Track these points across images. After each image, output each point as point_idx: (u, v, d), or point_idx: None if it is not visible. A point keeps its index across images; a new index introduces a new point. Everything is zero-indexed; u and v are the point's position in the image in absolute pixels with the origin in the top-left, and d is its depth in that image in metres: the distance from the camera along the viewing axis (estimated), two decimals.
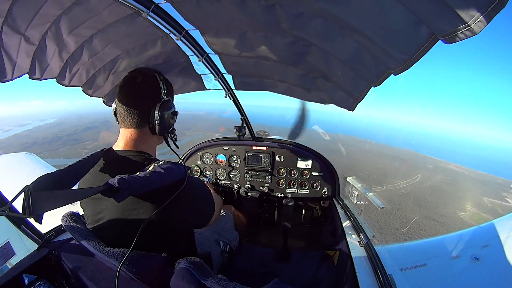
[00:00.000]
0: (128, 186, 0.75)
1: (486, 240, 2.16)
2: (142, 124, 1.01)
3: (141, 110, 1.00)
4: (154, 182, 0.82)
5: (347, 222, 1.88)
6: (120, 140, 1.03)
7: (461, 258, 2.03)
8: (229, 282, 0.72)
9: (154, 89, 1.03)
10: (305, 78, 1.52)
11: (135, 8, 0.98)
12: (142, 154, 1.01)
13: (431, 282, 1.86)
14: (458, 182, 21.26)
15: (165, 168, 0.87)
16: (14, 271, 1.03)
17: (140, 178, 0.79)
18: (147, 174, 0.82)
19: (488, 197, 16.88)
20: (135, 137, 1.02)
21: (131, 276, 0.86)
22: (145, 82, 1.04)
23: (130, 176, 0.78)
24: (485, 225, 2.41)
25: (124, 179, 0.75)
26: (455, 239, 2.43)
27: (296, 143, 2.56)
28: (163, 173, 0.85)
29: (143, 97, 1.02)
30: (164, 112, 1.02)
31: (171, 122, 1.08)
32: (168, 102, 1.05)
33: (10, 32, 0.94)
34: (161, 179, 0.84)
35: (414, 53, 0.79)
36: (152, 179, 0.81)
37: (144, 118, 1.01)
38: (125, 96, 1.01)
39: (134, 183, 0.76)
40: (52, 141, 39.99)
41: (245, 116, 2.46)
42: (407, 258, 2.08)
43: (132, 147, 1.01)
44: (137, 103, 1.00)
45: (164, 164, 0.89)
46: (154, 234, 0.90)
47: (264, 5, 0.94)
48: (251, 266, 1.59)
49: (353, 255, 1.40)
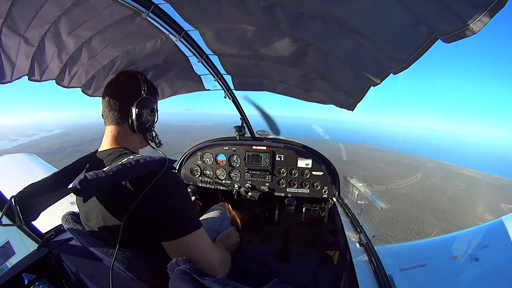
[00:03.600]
0: (91, 185, 0.74)
1: (486, 240, 2.16)
2: (122, 120, 1.04)
3: (121, 107, 1.04)
4: (122, 175, 0.80)
5: (347, 222, 1.88)
6: (104, 140, 1.06)
7: (461, 258, 2.03)
8: (228, 282, 0.72)
9: (134, 87, 1.07)
10: (305, 79, 1.52)
11: (134, 8, 0.99)
12: (120, 149, 1.01)
13: (431, 282, 1.86)
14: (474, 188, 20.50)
15: (136, 160, 0.84)
16: (14, 271, 1.03)
17: (105, 174, 0.77)
18: (113, 168, 0.79)
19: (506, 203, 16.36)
20: (116, 134, 1.05)
21: (131, 275, 0.86)
22: (126, 81, 1.10)
23: (95, 173, 0.76)
24: (485, 225, 2.41)
25: (86, 179, 0.74)
26: (455, 239, 2.43)
27: (296, 142, 2.56)
28: (133, 164, 0.82)
29: (123, 95, 1.06)
30: (142, 109, 1.06)
31: (149, 119, 1.10)
32: (147, 100, 1.09)
33: (10, 33, 0.94)
34: (130, 171, 0.81)
35: (413, 52, 0.80)
36: (118, 172, 0.79)
37: (124, 114, 1.04)
38: (107, 94, 1.06)
39: (98, 181, 0.75)
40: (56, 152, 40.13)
41: (245, 116, 2.47)
42: (407, 258, 2.08)
43: (114, 144, 1.03)
44: (117, 100, 1.04)
45: (140, 157, 0.87)
46: (139, 229, 0.88)
47: (264, 6, 0.94)
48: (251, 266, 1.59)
49: (353, 255, 1.40)
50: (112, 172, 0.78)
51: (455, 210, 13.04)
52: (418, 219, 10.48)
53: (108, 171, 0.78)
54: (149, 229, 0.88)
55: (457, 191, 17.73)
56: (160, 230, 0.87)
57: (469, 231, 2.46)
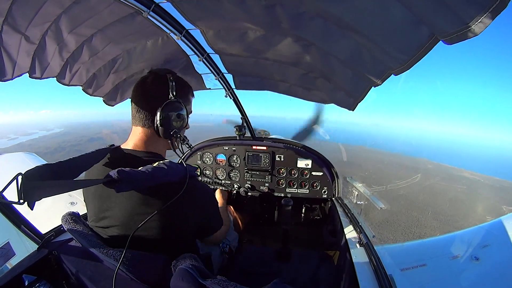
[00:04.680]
0: (128, 177, 0.74)
1: (486, 240, 2.16)
2: (149, 124, 1.00)
3: (148, 110, 0.99)
4: (156, 177, 0.81)
5: (347, 222, 1.88)
6: (130, 139, 1.03)
7: (461, 258, 2.03)
8: (229, 282, 0.71)
9: (161, 89, 1.00)
10: (306, 78, 1.52)
11: (135, 7, 0.98)
12: (151, 154, 1.00)
13: (431, 282, 1.86)
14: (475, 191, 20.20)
15: (168, 165, 0.87)
16: (14, 272, 1.02)
17: (141, 172, 0.78)
18: (148, 169, 0.81)
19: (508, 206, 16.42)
20: (144, 137, 1.01)
21: (131, 276, 0.86)
22: (153, 81, 1.03)
23: (132, 169, 0.77)
24: (485, 225, 2.41)
25: (124, 171, 0.74)
26: (455, 239, 2.43)
27: (296, 142, 2.56)
28: (166, 169, 0.85)
29: (150, 97, 1.01)
30: (168, 113, 0.99)
31: (175, 124, 1.02)
32: (175, 103, 1.01)
33: (11, 31, 0.94)
34: (164, 174, 0.83)
35: (415, 53, 0.79)
36: (154, 174, 0.81)
37: (151, 118, 1.00)
38: (135, 95, 1.03)
39: (135, 176, 0.76)
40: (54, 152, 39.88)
41: (245, 115, 2.46)
42: (407, 258, 2.08)
43: (141, 147, 1.00)
44: (144, 102, 1.00)
45: (169, 162, 0.89)
46: (157, 234, 0.89)
47: (265, 5, 0.94)
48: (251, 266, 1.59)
49: (353, 255, 1.40)
50: (148, 172, 0.79)
51: (457, 212, 12.87)
52: (420, 222, 10.35)
53: (145, 171, 0.79)
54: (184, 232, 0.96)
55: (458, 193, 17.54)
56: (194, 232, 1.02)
57: (469, 231, 2.46)
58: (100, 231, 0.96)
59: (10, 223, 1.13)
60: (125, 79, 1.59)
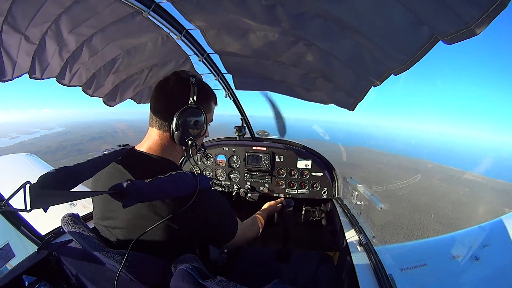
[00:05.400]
0: (137, 193, 0.72)
1: (486, 240, 2.17)
2: (166, 127, 0.95)
3: (165, 113, 0.94)
4: (166, 192, 0.79)
5: (347, 223, 1.88)
6: (145, 141, 0.98)
7: (461, 258, 2.03)
8: (229, 283, 0.71)
9: (181, 93, 0.94)
10: (306, 78, 1.52)
11: (135, 7, 0.98)
12: (165, 161, 0.96)
13: (431, 282, 1.87)
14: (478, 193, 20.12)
15: (180, 177, 0.83)
16: (14, 273, 1.02)
17: (151, 185, 0.76)
18: (158, 183, 0.78)
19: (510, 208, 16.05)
20: (159, 141, 0.96)
21: (131, 277, 0.86)
22: (175, 84, 0.97)
23: (141, 182, 0.75)
24: (485, 225, 2.41)
25: (133, 184, 0.71)
26: (455, 239, 2.43)
27: (296, 143, 2.56)
28: (178, 182, 0.82)
29: (170, 99, 0.95)
30: (185, 119, 0.93)
31: (191, 131, 0.96)
32: (194, 109, 0.95)
33: (11, 31, 0.94)
34: (175, 189, 0.80)
35: (415, 53, 0.80)
36: (164, 189, 0.78)
37: (167, 122, 0.94)
38: (154, 96, 0.98)
39: (144, 189, 0.74)
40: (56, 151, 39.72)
41: (245, 116, 2.46)
42: (407, 258, 2.08)
43: (156, 152, 0.95)
44: (163, 104, 0.95)
45: (182, 174, 0.85)
46: (161, 241, 0.87)
47: (265, 5, 0.94)
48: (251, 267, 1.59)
49: (353, 255, 1.40)
50: (159, 187, 0.77)
51: (460, 215, 12.84)
52: (423, 225, 10.33)
53: (156, 185, 0.77)
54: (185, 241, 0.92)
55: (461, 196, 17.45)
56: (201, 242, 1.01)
57: (469, 231, 2.47)
58: (103, 229, 0.96)
59: (10, 224, 1.13)
60: (125, 79, 1.59)
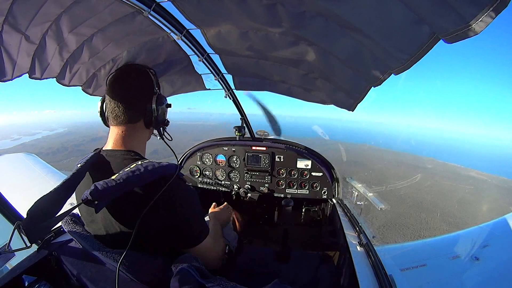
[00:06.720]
0: (102, 195, 0.73)
1: (486, 240, 2.17)
2: (137, 118, 1.02)
3: (137, 105, 1.02)
4: (132, 182, 0.80)
5: (347, 223, 1.88)
6: (109, 139, 1.01)
7: (461, 258, 2.03)
8: (229, 282, 0.71)
9: (148, 84, 1.06)
10: (305, 79, 1.52)
11: (136, 7, 0.98)
12: (129, 153, 0.98)
13: (431, 282, 1.86)
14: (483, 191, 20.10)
15: (145, 166, 0.84)
16: (14, 272, 1.02)
17: (116, 183, 0.76)
18: (123, 176, 0.79)
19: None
20: (126, 134, 1.00)
21: (130, 277, 0.86)
22: (139, 76, 1.06)
23: (105, 182, 0.76)
24: (485, 225, 2.41)
25: (97, 190, 0.73)
26: (455, 239, 2.43)
27: (296, 143, 2.56)
28: (143, 171, 0.82)
29: (139, 92, 1.03)
30: (159, 105, 1.06)
31: (165, 114, 1.14)
32: (161, 96, 1.09)
33: (11, 31, 0.93)
34: (140, 178, 0.81)
35: (415, 52, 0.79)
36: (128, 180, 0.79)
37: (140, 112, 1.02)
38: (119, 92, 1.00)
39: (109, 190, 0.75)
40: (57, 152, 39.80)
41: (245, 116, 2.46)
42: (407, 258, 2.08)
43: (121, 145, 0.99)
44: (133, 97, 1.01)
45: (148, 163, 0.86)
46: (145, 234, 0.87)
47: (266, 5, 0.94)
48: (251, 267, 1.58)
49: (353, 256, 1.40)
50: (123, 180, 0.78)
51: (465, 214, 12.75)
52: (429, 225, 10.29)
53: (118, 179, 0.78)
54: (161, 236, 0.91)
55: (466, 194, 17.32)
56: (175, 240, 0.94)
57: (469, 231, 2.47)
58: (93, 233, 0.98)
59: (9, 223, 1.13)
60: None
